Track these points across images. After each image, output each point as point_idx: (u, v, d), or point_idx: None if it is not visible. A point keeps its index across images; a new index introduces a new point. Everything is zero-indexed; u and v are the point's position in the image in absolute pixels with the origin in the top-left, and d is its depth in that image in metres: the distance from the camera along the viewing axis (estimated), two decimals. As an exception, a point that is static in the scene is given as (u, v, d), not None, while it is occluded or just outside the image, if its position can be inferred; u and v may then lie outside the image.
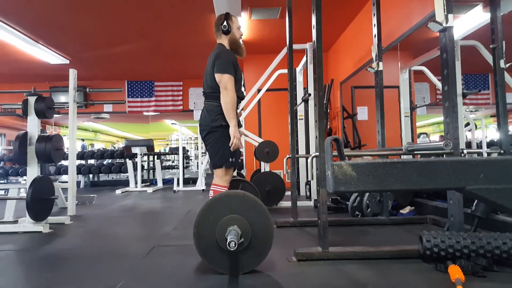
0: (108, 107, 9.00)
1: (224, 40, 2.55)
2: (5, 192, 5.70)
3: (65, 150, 4.00)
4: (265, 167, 4.65)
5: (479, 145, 4.15)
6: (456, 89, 2.05)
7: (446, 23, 2.04)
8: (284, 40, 3.39)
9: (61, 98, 8.10)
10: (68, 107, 3.99)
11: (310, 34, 2.26)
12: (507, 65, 2.58)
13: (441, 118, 2.14)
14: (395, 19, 4.06)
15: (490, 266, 1.77)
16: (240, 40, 2.61)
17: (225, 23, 2.51)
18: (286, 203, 4.09)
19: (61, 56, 6.68)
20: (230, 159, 2.40)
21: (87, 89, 4.39)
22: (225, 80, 2.34)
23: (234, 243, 1.66)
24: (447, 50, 2.05)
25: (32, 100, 3.35)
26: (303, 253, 2.05)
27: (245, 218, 1.80)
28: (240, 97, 2.49)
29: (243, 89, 2.57)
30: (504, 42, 2.60)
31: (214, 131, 2.41)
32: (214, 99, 2.43)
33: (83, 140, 14.59)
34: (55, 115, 4.92)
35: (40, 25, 5.28)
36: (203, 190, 6.39)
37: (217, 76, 2.37)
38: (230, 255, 1.78)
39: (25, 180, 3.90)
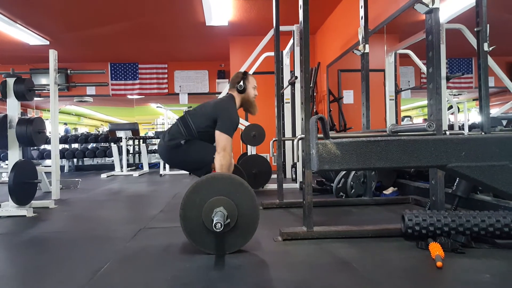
0: (91, 90, 8.80)
1: (237, 96, 2.64)
2: (-14, 176, 5.58)
3: (47, 133, 3.91)
4: (251, 150, 4.66)
5: (461, 128, 4.24)
6: (441, 72, 2.07)
7: (433, 4, 2.05)
8: (271, 21, 3.35)
9: (42, 80, 7.89)
10: (49, 90, 3.89)
11: (297, 15, 2.23)
12: (491, 48, 2.62)
13: (425, 102, 2.17)
14: (382, 1, 4.04)
15: (469, 243, 1.84)
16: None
17: (241, 82, 2.61)
18: (272, 186, 4.12)
19: (40, 36, 6.46)
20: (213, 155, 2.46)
21: (69, 71, 4.29)
22: (225, 141, 2.40)
23: (220, 224, 1.68)
24: (433, 32, 2.07)
25: (11, 81, 3.25)
26: (288, 233, 2.08)
27: (231, 200, 1.81)
28: None
29: None
30: (488, 25, 2.63)
31: (176, 147, 2.49)
32: (184, 126, 2.52)
33: (66, 124, 14.30)
34: (36, 99, 4.80)
35: (18, 4, 5.07)
36: (189, 173, 6.37)
37: (218, 134, 2.42)
38: (217, 236, 1.80)
39: (7, 164, 3.82)
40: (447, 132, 2.67)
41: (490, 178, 1.71)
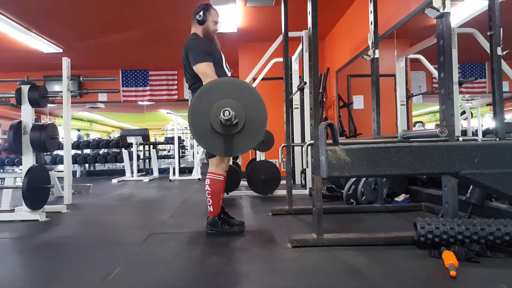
0: (102, 97, 8.93)
1: (198, 30, 2.52)
2: (1, 181, 5.68)
3: (60, 139, 3.97)
4: (260, 156, 4.65)
5: (475, 134, 4.17)
6: (452, 76, 2.04)
7: (443, 9, 2.02)
8: (279, 28, 3.36)
9: (55, 87, 8.02)
10: (62, 96, 3.95)
11: (306, 21, 2.23)
12: (504, 53, 2.57)
13: (437, 107, 2.14)
14: (392, 6, 4.03)
15: (484, 252, 1.80)
16: (214, 35, 2.56)
17: (201, 13, 2.49)
18: (281, 192, 4.10)
19: (54, 44, 6.59)
20: None
21: (81, 78, 4.34)
22: (202, 69, 2.31)
23: (228, 113, 1.65)
24: (444, 36, 2.04)
25: (25, 88, 3.31)
26: (298, 240, 2.06)
27: (238, 102, 1.77)
28: None
29: (226, 70, 2.54)
30: (501, 29, 2.59)
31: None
32: (190, 87, 2.46)
33: (78, 130, 14.51)
34: (49, 105, 4.88)
35: (33, 13, 5.19)
36: (199, 179, 6.39)
37: (195, 68, 2.34)
38: (226, 138, 1.76)
39: (21, 169, 3.89)
40: (460, 138, 2.62)
41: (505, 186, 1.67)
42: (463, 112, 4.07)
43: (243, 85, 1.83)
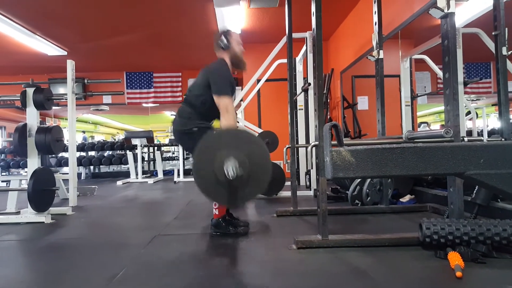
0: (107, 99, 8.98)
1: (224, 55, 2.53)
2: (6, 183, 5.73)
3: (65, 141, 3.99)
4: (265, 157, 4.64)
5: (480, 134, 4.15)
6: (457, 77, 2.03)
7: (448, 9, 2.02)
8: (283, 29, 3.36)
9: (60, 89, 8.09)
10: (66, 99, 3.97)
11: (310, 23, 2.23)
12: (509, 52, 2.56)
13: (442, 108, 2.13)
14: (396, 6, 4.01)
15: (490, 253, 1.78)
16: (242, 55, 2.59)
17: (224, 39, 2.50)
18: (286, 193, 4.10)
19: (58, 47, 6.64)
20: None
21: (86, 80, 4.37)
22: (225, 103, 2.30)
23: (232, 170, 1.66)
24: (449, 36, 2.03)
25: (30, 91, 3.34)
26: (302, 241, 2.05)
27: (241, 151, 1.78)
28: None
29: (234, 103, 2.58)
30: (506, 29, 2.58)
31: (189, 133, 2.41)
32: (188, 105, 2.46)
33: (83, 132, 14.59)
34: (54, 107, 4.93)
35: (37, 16, 5.23)
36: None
37: (216, 98, 2.33)
38: (231, 187, 1.77)
39: (26, 171, 3.91)
40: (465, 139, 2.61)
41: (510, 186, 1.66)
42: (468, 113, 4.05)
43: (246, 135, 1.85)
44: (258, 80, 5.16)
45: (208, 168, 1.78)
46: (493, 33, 2.60)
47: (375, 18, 3.17)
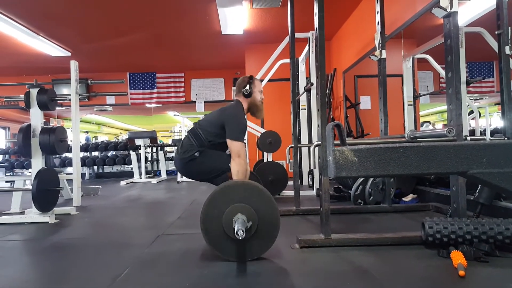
0: (110, 99, 9.02)
1: (243, 101, 2.60)
2: (11, 184, 5.77)
3: (69, 142, 4.02)
4: (267, 157, 4.66)
5: (483, 133, 4.13)
6: (460, 76, 2.03)
7: (451, 8, 2.02)
8: (286, 29, 3.37)
9: (63, 90, 8.14)
10: (70, 99, 4.00)
11: (312, 22, 2.24)
12: (512, 51, 2.55)
13: (445, 107, 2.12)
14: (399, 6, 4.01)
15: (493, 252, 1.78)
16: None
17: (247, 87, 2.56)
18: (288, 193, 4.10)
19: (62, 48, 6.68)
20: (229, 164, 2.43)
21: (89, 81, 4.39)
22: (238, 148, 2.37)
23: (242, 231, 1.66)
24: (451, 36, 2.03)
25: (34, 92, 3.36)
26: (305, 240, 2.06)
27: (249, 205, 1.80)
28: None
29: None
30: (510, 28, 2.57)
31: (191, 159, 2.49)
32: (194, 136, 2.53)
33: (87, 132, 14.65)
34: (58, 108, 4.95)
35: (41, 17, 5.27)
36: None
37: (230, 142, 2.41)
38: (239, 243, 1.79)
39: (30, 172, 3.94)
40: (468, 138, 2.60)
41: (513, 185, 1.66)
42: (471, 112, 4.04)
43: (254, 187, 1.85)
44: (261, 80, 5.16)
45: (216, 220, 1.79)
46: (496, 32, 2.59)
47: (378, 17, 3.17)
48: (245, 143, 2.58)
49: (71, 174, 4.03)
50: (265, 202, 1.84)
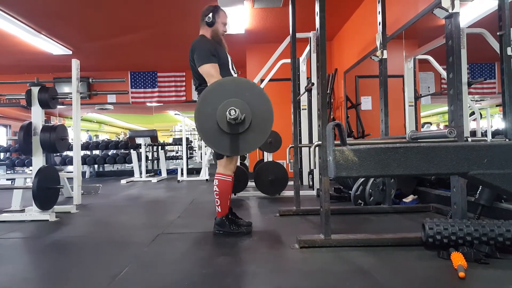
0: (111, 98, 9.02)
1: (206, 32, 2.54)
2: (11, 182, 5.78)
3: (70, 140, 4.02)
4: (268, 157, 4.66)
5: (484, 134, 4.13)
6: (461, 77, 2.03)
7: (452, 9, 2.01)
8: (287, 29, 3.37)
9: (64, 89, 8.14)
10: (71, 98, 4.00)
11: (313, 22, 2.23)
12: (514, 53, 2.54)
13: (446, 108, 2.12)
14: (400, 6, 4.01)
15: (493, 253, 1.78)
16: (222, 37, 2.57)
17: (210, 15, 2.50)
18: (289, 193, 4.10)
19: (63, 46, 6.68)
20: None
21: (90, 80, 4.39)
22: (206, 70, 2.32)
23: (234, 112, 1.66)
24: (453, 37, 2.03)
25: (35, 90, 3.36)
26: (305, 240, 2.06)
27: (242, 99, 1.78)
28: None
29: (233, 72, 2.55)
30: (511, 29, 2.56)
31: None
32: (196, 89, 2.48)
33: (88, 131, 14.66)
34: (59, 106, 4.96)
35: (42, 15, 5.27)
36: (206, 180, 6.42)
37: (199, 69, 2.36)
38: (234, 137, 1.78)
39: (31, 170, 3.94)
40: (469, 139, 2.60)
41: (514, 186, 1.65)
42: (472, 113, 4.03)
43: (245, 82, 1.85)
44: (262, 80, 5.17)
45: (210, 117, 1.78)
46: (498, 33, 2.58)
47: (379, 18, 3.16)
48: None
49: (72, 172, 4.03)
50: (256, 96, 1.82)
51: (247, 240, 2.28)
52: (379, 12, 3.16)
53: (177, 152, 11.46)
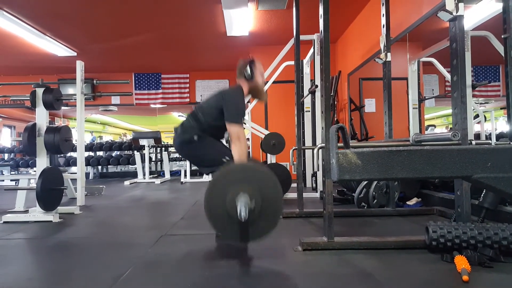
0: (115, 99, 9.06)
1: (244, 84, 2.54)
2: (16, 182, 5.81)
3: (74, 141, 4.04)
4: (271, 159, 4.65)
5: (488, 137, 4.10)
6: (465, 80, 2.02)
7: (457, 12, 2.01)
8: (291, 31, 3.37)
9: (69, 90, 8.17)
10: (76, 99, 4.02)
11: (317, 25, 2.24)
12: (519, 55, 2.53)
13: (450, 111, 2.12)
14: (404, 9, 4.00)
15: (497, 257, 1.77)
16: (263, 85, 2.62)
17: (248, 69, 2.51)
18: (292, 195, 4.09)
19: (68, 48, 6.72)
20: (224, 158, 2.36)
21: (95, 81, 4.41)
22: (237, 131, 2.30)
23: (244, 210, 1.65)
24: (457, 39, 2.03)
25: (40, 91, 3.38)
26: (308, 243, 2.06)
27: (251, 186, 1.77)
28: None
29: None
30: (516, 32, 2.55)
31: (189, 142, 2.41)
32: (194, 119, 2.45)
33: (92, 132, 14.72)
34: (63, 108, 4.99)
35: (48, 17, 5.31)
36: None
37: (229, 125, 2.33)
38: (243, 224, 1.76)
39: (35, 171, 3.96)
40: (473, 142, 2.59)
41: (519, 190, 1.64)
42: (477, 116, 4.01)
43: (256, 169, 1.85)
44: (265, 82, 5.16)
45: (220, 205, 1.77)
46: (502, 36, 2.57)
47: (383, 20, 3.16)
48: (244, 127, 2.51)
49: (75, 173, 4.04)
50: (268, 183, 1.81)
51: (249, 242, 2.27)
52: (383, 14, 3.16)
53: (180, 154, 11.47)
